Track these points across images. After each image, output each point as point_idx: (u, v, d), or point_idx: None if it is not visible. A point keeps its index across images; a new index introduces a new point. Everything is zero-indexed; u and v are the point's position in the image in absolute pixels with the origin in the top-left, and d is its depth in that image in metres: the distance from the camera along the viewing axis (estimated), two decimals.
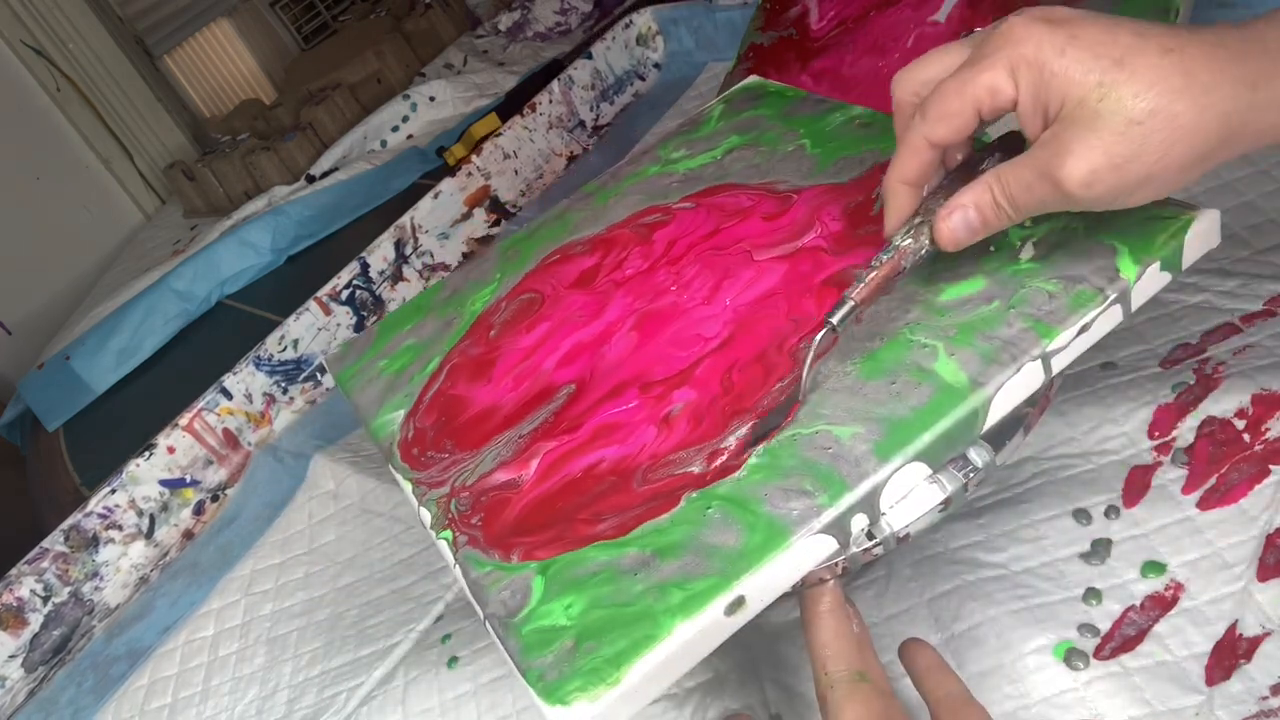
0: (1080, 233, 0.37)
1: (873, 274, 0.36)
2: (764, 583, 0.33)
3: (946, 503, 0.35)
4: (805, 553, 0.33)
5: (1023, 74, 0.32)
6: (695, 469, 0.37)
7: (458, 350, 0.50)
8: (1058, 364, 0.35)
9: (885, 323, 0.38)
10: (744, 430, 0.37)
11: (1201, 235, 0.36)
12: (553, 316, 0.48)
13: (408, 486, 0.44)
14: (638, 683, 0.32)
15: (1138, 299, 0.35)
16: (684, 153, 0.54)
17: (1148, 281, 0.35)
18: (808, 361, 0.37)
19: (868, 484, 0.33)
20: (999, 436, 0.37)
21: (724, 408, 0.39)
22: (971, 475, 0.36)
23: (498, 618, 0.36)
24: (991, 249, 0.38)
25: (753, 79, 0.58)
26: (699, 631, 0.32)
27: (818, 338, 0.37)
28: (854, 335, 0.38)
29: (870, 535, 0.35)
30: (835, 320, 0.37)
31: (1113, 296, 0.35)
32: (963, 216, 0.35)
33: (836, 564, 0.35)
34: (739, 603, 0.32)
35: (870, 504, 0.34)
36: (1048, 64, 0.31)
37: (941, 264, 0.38)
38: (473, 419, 0.46)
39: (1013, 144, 0.36)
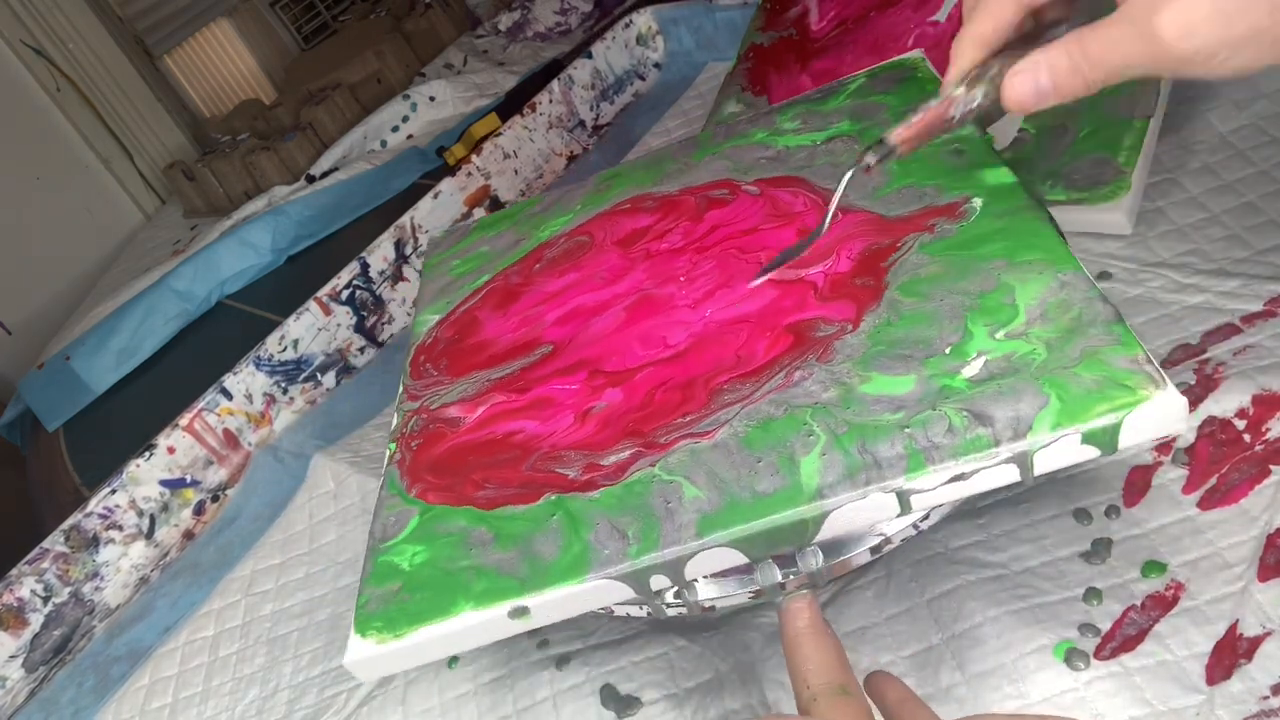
0: (1034, 368, 0.34)
1: (918, 117, 0.34)
2: (551, 604, 0.35)
3: (758, 593, 0.36)
4: (599, 592, 0.35)
5: None
6: (570, 473, 0.38)
7: (505, 273, 0.52)
8: (920, 503, 0.33)
9: (802, 395, 0.37)
10: (626, 454, 0.38)
11: (1154, 418, 0.31)
12: (585, 268, 0.49)
13: (400, 388, 0.47)
14: (418, 643, 0.35)
15: (1043, 465, 0.32)
16: (796, 125, 0.53)
17: (1061, 450, 0.32)
18: (835, 197, 0.37)
19: (674, 551, 0.34)
20: (842, 546, 0.36)
21: (627, 424, 0.39)
22: (791, 577, 0.35)
23: (374, 538, 0.39)
24: (948, 350, 0.36)
25: (913, 54, 0.54)
26: (481, 623, 0.35)
27: (848, 174, 0.36)
28: (769, 400, 0.38)
29: (678, 596, 0.36)
30: (870, 160, 0.35)
31: (1004, 455, 0.32)
32: (1033, 77, 0.32)
33: (809, 580, 0.35)
34: (523, 611, 0.35)
35: (674, 570, 0.34)
36: None
37: (889, 346, 0.37)
38: (471, 346, 0.48)
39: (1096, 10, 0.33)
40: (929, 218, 0.42)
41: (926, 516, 0.37)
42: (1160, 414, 0.31)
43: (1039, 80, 0.32)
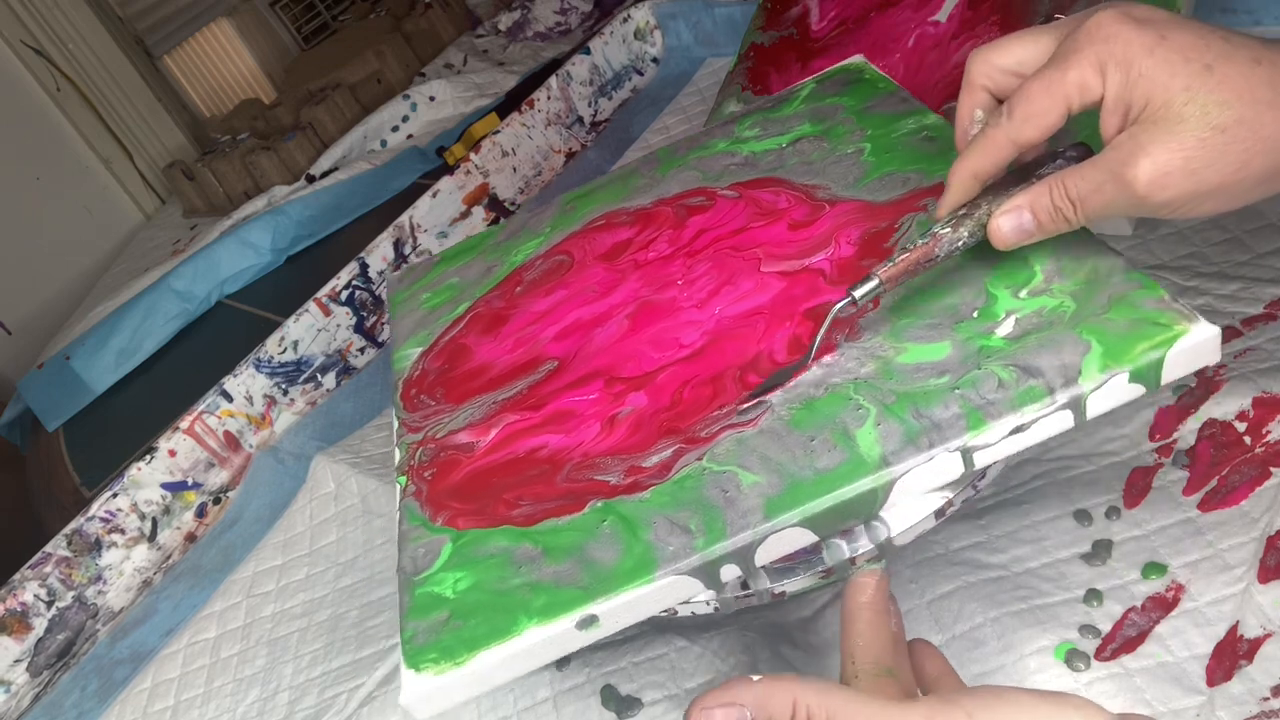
0: (1067, 317, 0.35)
1: (904, 256, 0.36)
2: (620, 608, 0.34)
3: (828, 572, 0.35)
4: (669, 589, 0.34)
5: (1111, 72, 0.31)
6: (611, 479, 0.38)
7: (485, 299, 0.51)
8: (982, 459, 0.33)
9: (839, 372, 0.37)
10: (668, 452, 0.37)
11: (1191, 351, 0.33)
12: (572, 285, 0.49)
13: (395, 423, 0.45)
14: (481, 669, 0.33)
15: (1095, 408, 0.33)
16: (756, 132, 0.53)
17: (1111, 391, 0.33)
18: (823, 327, 0.37)
19: (744, 538, 0.33)
20: (906, 514, 0.36)
21: (661, 423, 0.39)
22: (858, 552, 0.35)
23: (405, 572, 0.38)
24: (975, 314, 0.36)
25: (856, 59, 0.55)
26: (548, 638, 0.33)
27: (836, 307, 0.36)
28: (804, 380, 0.38)
29: (745, 585, 0.35)
30: (857, 295, 0.36)
31: (1061, 401, 0.32)
32: (1017, 217, 0.34)
33: (880, 558, 0.35)
34: (592, 620, 0.34)
35: (744, 558, 0.34)
36: (1136, 63, 0.31)
37: (916, 317, 0.38)
38: (467, 373, 0.47)
39: (1078, 153, 0.35)
40: (918, 199, 0.43)
41: (983, 475, 0.37)
42: (1197, 346, 0.32)
43: (1023, 220, 0.34)
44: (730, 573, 0.34)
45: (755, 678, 0.29)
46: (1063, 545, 0.42)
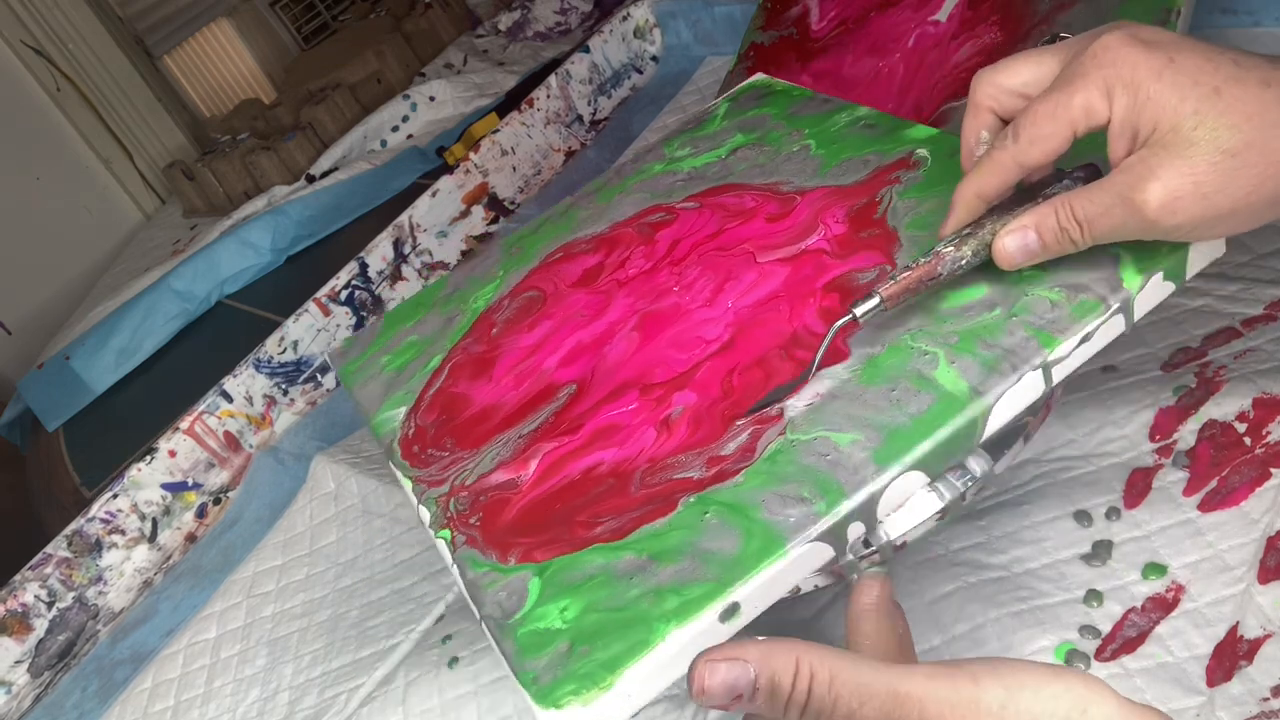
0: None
1: (906, 274, 0.36)
2: (759, 590, 0.33)
3: (944, 511, 0.35)
4: (801, 560, 0.33)
5: (1118, 95, 0.31)
6: (694, 474, 0.37)
7: (460, 347, 0.50)
8: (1058, 373, 0.35)
9: (886, 329, 0.37)
10: (745, 436, 0.37)
11: (1206, 245, 0.35)
12: (555, 315, 0.48)
13: (407, 484, 0.44)
14: (631, 687, 0.32)
15: (1140, 309, 0.35)
16: (689, 150, 0.54)
17: (1151, 291, 0.35)
18: (824, 343, 0.37)
19: (865, 492, 0.33)
20: (998, 445, 0.37)
21: (723, 411, 0.39)
22: (969, 484, 0.35)
23: (494, 619, 0.36)
24: None
25: (759, 77, 0.57)
26: (693, 637, 0.32)
27: (837, 324, 0.37)
28: (856, 341, 0.38)
29: (867, 544, 0.35)
30: (859, 312, 0.36)
31: (1115, 306, 0.34)
32: (1022, 238, 0.34)
33: (880, 561, 0.35)
34: (733, 609, 0.32)
35: (867, 512, 0.33)
36: (1143, 86, 0.31)
37: None
38: (473, 417, 0.45)
39: (1085, 174, 0.36)
40: (888, 173, 0.44)
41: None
42: (1208, 244, 0.35)
43: (1028, 241, 0.35)
44: (855, 531, 0.34)
45: (760, 637, 0.29)
46: (1063, 546, 0.42)
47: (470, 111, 1.20)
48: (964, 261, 0.36)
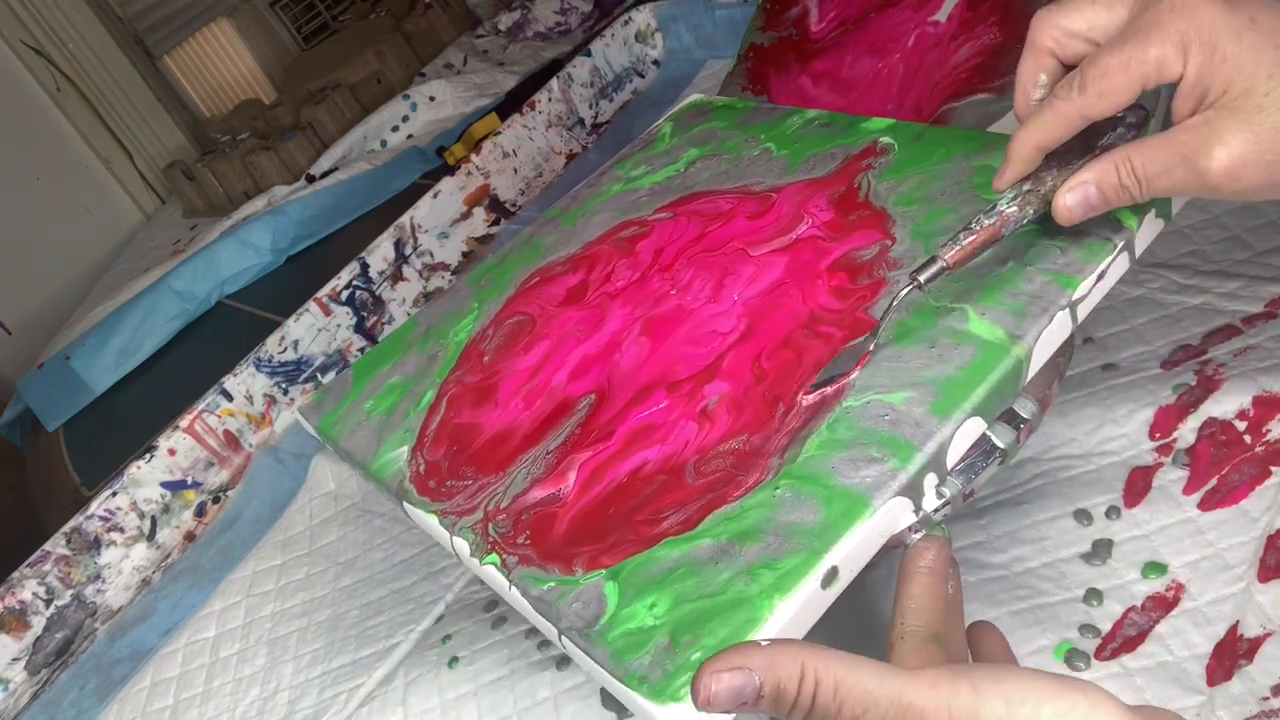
0: None
1: (971, 237, 0.36)
2: (853, 551, 0.32)
3: (1004, 455, 0.36)
4: (888, 516, 0.33)
5: (1194, 52, 0.30)
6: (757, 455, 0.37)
7: (452, 380, 0.49)
8: (1082, 311, 0.36)
9: (903, 296, 0.37)
10: (804, 409, 0.37)
11: None
12: (550, 335, 0.48)
13: (433, 519, 0.42)
14: None
15: (1140, 246, 0.37)
16: (645, 169, 0.54)
17: (1148, 229, 0.36)
18: (888, 313, 0.37)
19: (934, 443, 0.33)
20: (1036, 388, 0.37)
21: (763, 394, 0.39)
22: (1022, 426, 0.36)
23: (576, 630, 0.35)
24: (986, 219, 0.38)
25: (697, 97, 0.58)
26: (799, 607, 0.32)
27: (903, 293, 0.36)
28: (875, 310, 0.39)
29: (940, 494, 0.35)
30: (923, 279, 0.36)
31: (1120, 244, 0.35)
32: (1083, 194, 0.34)
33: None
34: (833, 574, 0.32)
35: (939, 462, 0.34)
36: (1221, 45, 0.30)
37: (935, 237, 0.40)
38: (489, 443, 0.45)
39: (1137, 118, 0.35)
40: (859, 161, 0.46)
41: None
42: None
43: (1089, 195, 0.34)
44: (930, 481, 0.34)
45: (764, 641, 0.29)
46: (1063, 545, 0.42)
47: (470, 111, 1.20)
48: (1024, 220, 0.36)
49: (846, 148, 0.47)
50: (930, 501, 0.34)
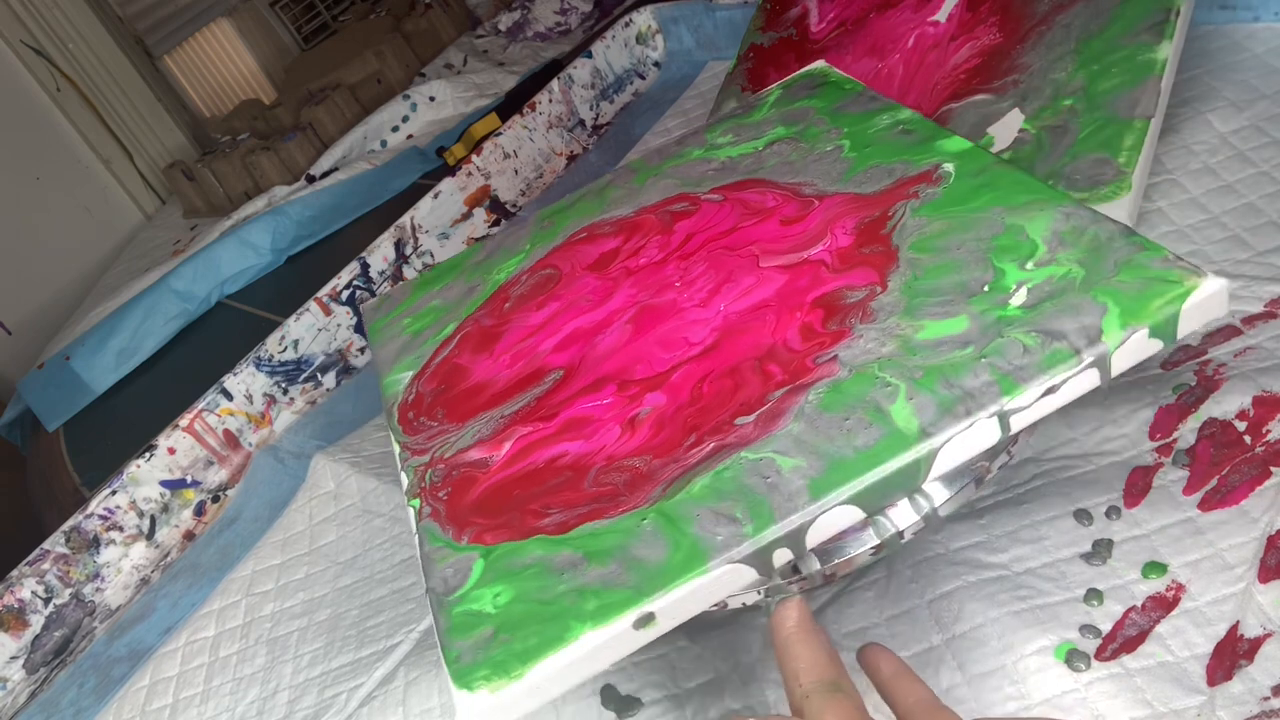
0: (1078, 283, 0.35)
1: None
2: (676, 603, 0.33)
3: (879, 548, 0.36)
4: (723, 579, 0.33)
5: None
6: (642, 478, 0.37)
7: (473, 318, 0.51)
8: (1018, 422, 0.34)
9: (859, 354, 0.37)
10: (708, 448, 0.37)
11: (1202, 305, 0.34)
12: (564, 297, 0.49)
13: (396, 448, 0.45)
14: (539, 681, 0.33)
15: (1119, 365, 0.34)
16: (730, 138, 0.54)
17: (1132, 348, 0.34)
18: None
19: (794, 520, 0.33)
20: (949, 483, 0.37)
21: (686, 418, 0.39)
22: (909, 524, 0.36)
23: (436, 593, 0.37)
24: (985, 289, 0.37)
25: (819, 64, 0.56)
26: (605, 641, 0.33)
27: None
28: (830, 360, 0.38)
29: (795, 570, 0.35)
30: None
31: (1087, 361, 0.33)
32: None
33: (804, 580, 0.35)
34: (648, 619, 0.33)
35: (795, 540, 0.33)
36: None
37: (928, 296, 0.38)
38: (466, 391, 0.46)
39: None
40: (908, 186, 0.44)
41: (1016, 440, 0.38)
42: (1208, 299, 0.34)
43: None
44: (782, 557, 0.34)
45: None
46: (1063, 545, 0.42)
47: (470, 112, 1.20)
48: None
49: (907, 165, 0.45)
50: (781, 573, 0.35)
